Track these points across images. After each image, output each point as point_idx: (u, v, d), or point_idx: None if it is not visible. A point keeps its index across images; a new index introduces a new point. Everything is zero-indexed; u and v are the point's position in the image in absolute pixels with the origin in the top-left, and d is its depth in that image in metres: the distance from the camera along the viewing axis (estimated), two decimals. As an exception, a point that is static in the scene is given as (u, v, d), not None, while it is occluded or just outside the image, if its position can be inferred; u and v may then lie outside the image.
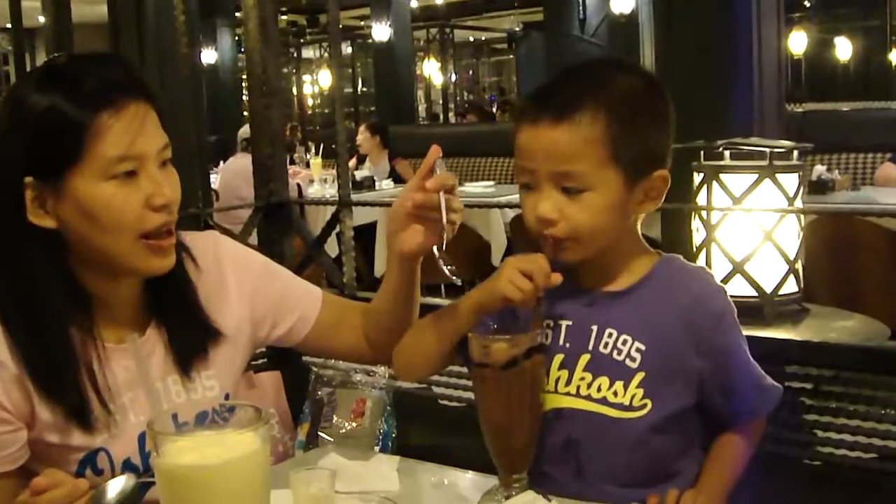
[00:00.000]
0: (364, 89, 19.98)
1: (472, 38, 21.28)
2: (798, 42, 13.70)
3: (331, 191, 7.33)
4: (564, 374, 1.51)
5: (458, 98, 20.44)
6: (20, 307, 1.46)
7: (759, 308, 2.41)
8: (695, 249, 2.48)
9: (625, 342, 1.49)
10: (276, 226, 3.39)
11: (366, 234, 6.47)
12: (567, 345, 1.52)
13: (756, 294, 2.42)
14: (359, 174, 8.17)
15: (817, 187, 5.35)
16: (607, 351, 1.50)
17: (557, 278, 1.43)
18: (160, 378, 1.56)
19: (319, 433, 2.59)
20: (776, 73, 4.24)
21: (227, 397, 1.64)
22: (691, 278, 1.56)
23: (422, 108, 19.48)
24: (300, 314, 1.73)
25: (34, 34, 10.11)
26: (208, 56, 14.45)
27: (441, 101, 18.63)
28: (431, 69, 18.33)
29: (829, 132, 6.96)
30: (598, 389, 1.49)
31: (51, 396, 1.45)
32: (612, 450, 1.49)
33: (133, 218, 1.44)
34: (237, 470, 1.00)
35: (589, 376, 1.50)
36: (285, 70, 21.22)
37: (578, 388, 1.50)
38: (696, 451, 1.56)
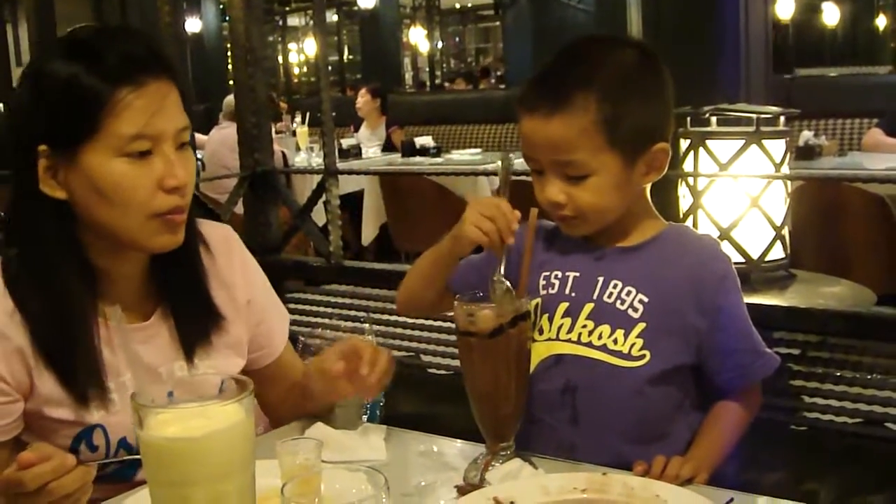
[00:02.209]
0: (350, 57, 19.88)
1: (458, 6, 21.15)
2: (785, 7, 13.66)
3: (317, 160, 7.30)
4: (567, 321, 1.55)
5: (444, 66, 20.36)
6: (29, 277, 1.45)
7: (745, 274, 2.42)
8: (681, 216, 2.48)
9: (629, 293, 1.54)
10: (262, 195, 3.39)
11: (353, 202, 6.46)
12: (573, 294, 1.57)
13: (743, 260, 2.44)
14: (345, 142, 8.13)
15: (804, 153, 5.35)
16: (611, 301, 1.54)
17: (516, 216, 1.48)
18: (164, 361, 1.55)
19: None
20: (763, 39, 4.24)
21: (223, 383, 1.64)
22: (698, 242, 1.61)
23: (408, 76, 19.40)
24: (266, 352, 1.73)
25: (16, 3, 10.03)
26: (193, 25, 14.33)
27: (427, 69, 18.53)
28: (418, 37, 18.21)
29: (817, 98, 6.96)
30: (599, 337, 1.53)
31: (51, 370, 1.45)
32: (608, 397, 1.52)
33: (143, 198, 1.42)
34: (221, 441, 0.99)
35: (591, 324, 1.54)
36: (270, 38, 21.12)
37: (580, 335, 1.54)
38: (689, 417, 1.57)
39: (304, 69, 21.53)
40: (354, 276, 3.13)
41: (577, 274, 1.58)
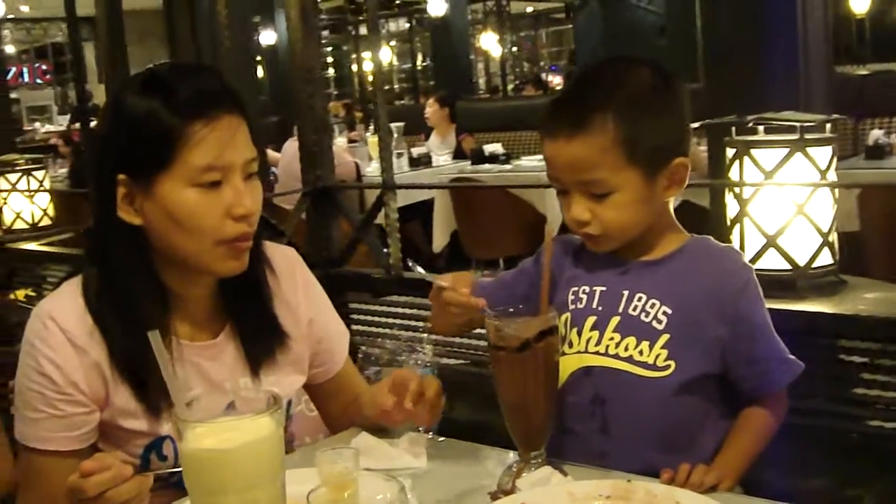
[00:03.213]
0: (425, 63, 20.01)
1: (529, 9, 21.17)
2: (861, 1, 13.42)
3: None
4: (595, 334, 1.62)
5: (517, 70, 20.39)
6: (107, 297, 1.57)
7: (792, 281, 2.44)
8: (728, 224, 2.51)
9: (653, 305, 1.59)
10: (323, 210, 3.49)
11: (425, 210, 6.55)
12: (600, 308, 1.63)
13: (790, 267, 2.45)
14: (416, 151, 8.23)
15: (874, 152, 5.29)
16: (636, 313, 1.60)
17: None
18: (230, 377, 1.65)
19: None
20: (823, 36, 4.19)
21: (290, 403, 1.75)
22: (720, 254, 1.65)
23: (482, 81, 19.47)
24: (327, 368, 1.83)
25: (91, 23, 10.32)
26: (268, 37, 14.59)
27: (500, 74, 18.58)
28: (490, 42, 18.28)
29: (890, 95, 6.84)
30: (626, 349, 1.59)
31: (126, 383, 1.56)
32: (636, 407, 1.58)
33: (213, 225, 1.52)
34: (252, 452, 1.08)
35: (618, 336, 1.60)
36: (345, 48, 21.35)
37: (607, 347, 1.60)
38: (717, 425, 1.62)
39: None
40: (414, 287, 3.20)
41: (604, 288, 1.64)
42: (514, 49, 20.28)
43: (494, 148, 7.37)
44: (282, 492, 1.12)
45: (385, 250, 3.32)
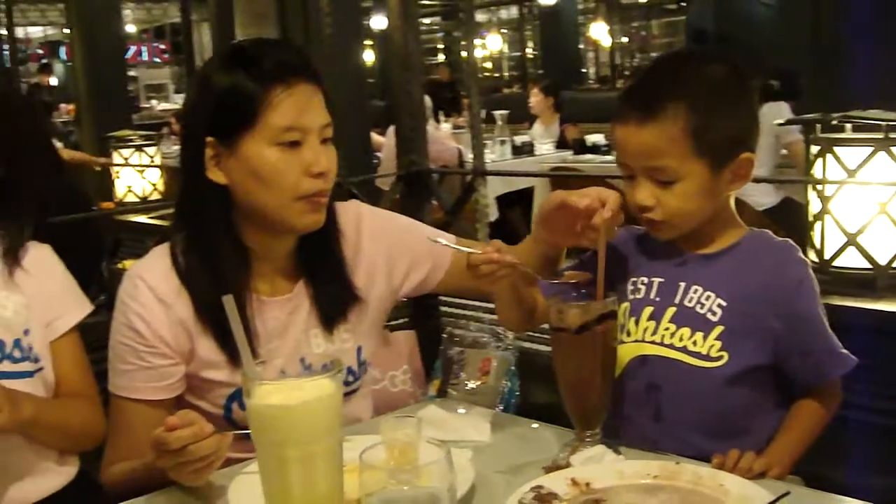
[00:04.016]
0: (536, 52, 19.99)
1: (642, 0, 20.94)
2: None
3: (491, 156, 7.48)
4: (652, 324, 1.67)
5: (629, 61, 20.19)
6: (193, 257, 1.71)
7: (871, 280, 2.44)
8: (810, 221, 2.52)
9: (708, 298, 1.64)
10: (417, 194, 3.58)
11: (526, 197, 6.61)
12: (657, 298, 1.69)
13: (869, 266, 2.45)
14: (518, 139, 8.27)
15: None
16: (691, 305, 1.65)
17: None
18: (304, 330, 1.77)
19: (448, 389, 2.76)
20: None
21: (359, 350, 1.84)
22: (777, 249, 1.69)
23: (591, 71, 19.36)
24: (433, 263, 1.92)
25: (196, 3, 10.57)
26: (379, 22, 14.76)
27: (609, 64, 18.46)
28: (600, 32, 18.17)
29: None
30: (680, 339, 1.64)
31: (209, 337, 1.69)
32: (689, 396, 1.63)
33: (292, 181, 1.65)
34: (312, 409, 1.19)
35: (673, 327, 1.65)
36: (456, 34, 21.45)
37: (663, 337, 1.66)
38: (770, 415, 1.66)
39: (489, 65, 21.78)
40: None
41: (662, 279, 1.69)
42: (625, 40, 20.07)
43: (597, 138, 7.37)
44: (338, 448, 1.22)
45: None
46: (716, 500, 1.36)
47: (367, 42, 13.46)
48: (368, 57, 13.38)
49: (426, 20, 21.68)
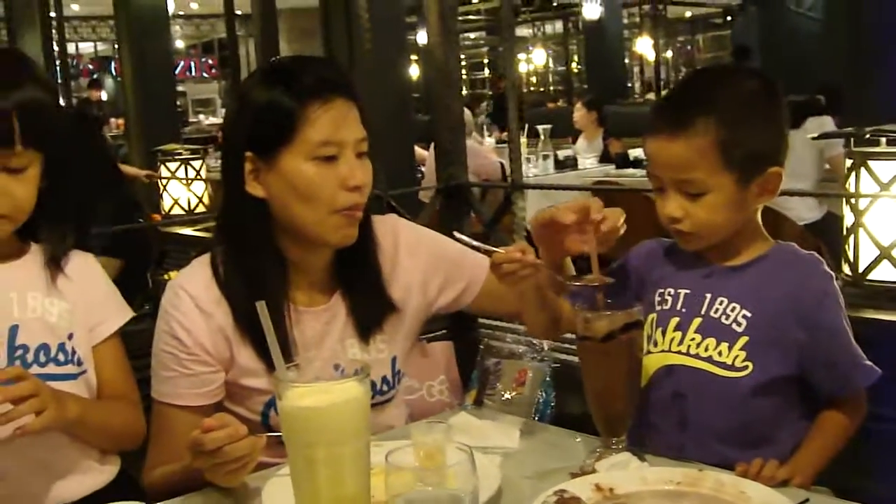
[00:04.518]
0: (581, 67, 20.00)
1: (688, 14, 20.90)
2: None
3: (533, 170, 7.51)
4: (678, 335, 1.70)
5: (674, 75, 20.15)
6: (233, 268, 1.76)
7: (904, 293, 2.44)
8: (843, 234, 2.53)
9: (733, 309, 1.67)
10: (455, 207, 3.63)
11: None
12: (683, 309, 1.72)
13: (904, 279, 2.46)
14: (562, 153, 8.29)
15: None
16: (717, 316, 1.68)
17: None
18: (340, 339, 1.82)
19: (484, 399, 2.80)
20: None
21: (394, 360, 1.89)
22: (802, 261, 1.71)
23: (637, 86, 19.33)
24: (468, 281, 1.95)
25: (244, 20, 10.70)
26: (424, 37, 14.83)
27: (654, 78, 18.42)
28: (645, 46, 18.15)
29: None
30: (706, 349, 1.67)
31: (249, 345, 1.75)
32: (715, 405, 1.66)
33: (329, 194, 1.70)
34: (340, 411, 1.24)
35: (699, 337, 1.68)
36: (501, 49, 21.52)
37: (689, 347, 1.69)
38: (795, 425, 1.68)
39: (535, 79, 21.82)
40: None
41: (688, 291, 1.72)
42: (671, 54, 20.04)
43: (639, 152, 7.35)
44: (366, 450, 1.26)
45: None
46: (737, 507, 1.38)
47: (413, 57, 13.57)
48: (415, 72, 13.47)
49: (472, 35, 21.80)
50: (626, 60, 17.76)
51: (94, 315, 1.77)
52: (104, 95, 17.94)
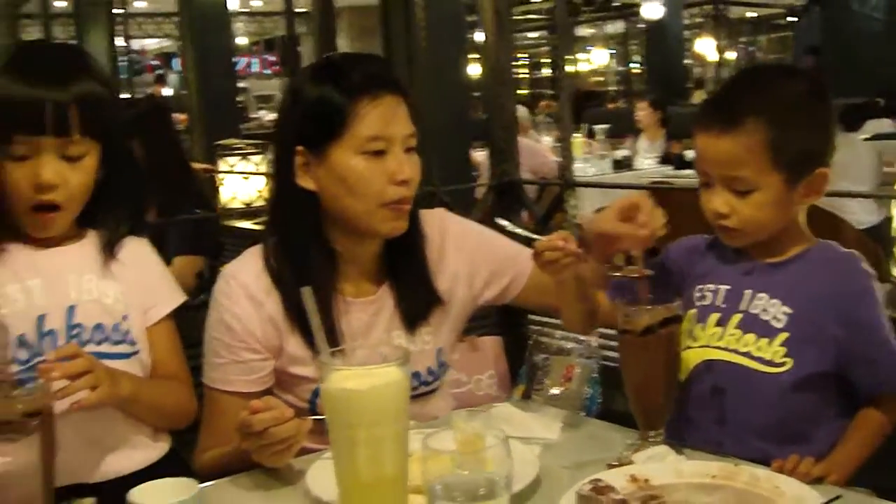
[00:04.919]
0: (642, 67, 19.88)
1: (751, 15, 20.66)
2: None
3: (591, 169, 7.51)
4: (718, 330, 1.73)
5: (736, 76, 19.84)
6: (284, 259, 1.81)
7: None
8: (893, 235, 2.52)
9: (773, 305, 1.69)
10: (508, 204, 3.66)
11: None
12: (724, 305, 1.74)
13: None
14: (619, 153, 8.29)
15: None
16: (757, 312, 1.70)
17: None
18: (386, 330, 1.87)
19: (532, 395, 2.83)
20: None
21: (439, 351, 1.93)
22: (841, 259, 1.73)
23: (698, 87, 19.14)
24: (513, 275, 1.98)
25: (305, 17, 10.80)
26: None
27: (715, 80, 18.23)
28: (707, 47, 17.98)
29: None
30: (746, 345, 1.69)
31: (297, 334, 1.80)
32: (753, 400, 1.68)
33: (377, 188, 1.75)
34: (379, 394, 1.28)
35: (739, 333, 1.70)
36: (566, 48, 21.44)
37: (728, 342, 1.71)
38: (833, 423, 1.69)
39: (593, 79, 21.73)
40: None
41: (728, 287, 1.74)
42: (734, 55, 19.83)
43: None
44: (404, 433, 1.30)
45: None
46: (769, 501, 1.39)
47: (475, 56, 13.59)
48: (477, 71, 13.48)
49: (532, 34, 21.78)
50: (687, 61, 17.59)
51: (148, 298, 1.83)
52: (168, 91, 18.23)
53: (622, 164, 7.83)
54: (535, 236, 1.68)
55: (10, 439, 1.09)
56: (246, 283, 1.81)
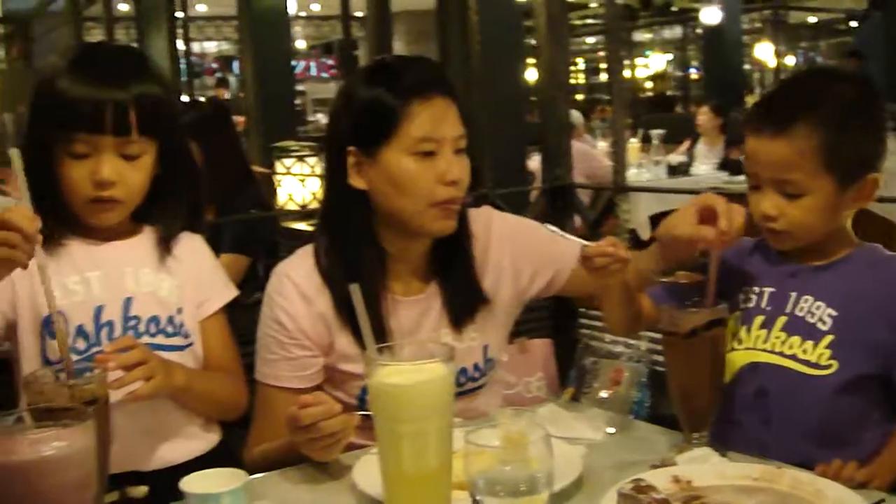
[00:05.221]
0: (700, 72, 19.74)
1: (812, 19, 20.42)
2: None
3: (646, 175, 7.47)
4: (763, 332, 1.73)
5: (795, 82, 19.61)
6: (335, 257, 1.85)
7: None
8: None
9: (818, 307, 1.69)
10: (560, 207, 3.67)
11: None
12: (768, 308, 1.74)
13: None
14: (674, 158, 8.24)
15: None
16: (802, 314, 1.70)
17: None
18: (434, 329, 1.90)
19: (581, 397, 2.84)
20: None
21: (485, 348, 1.95)
22: (887, 261, 1.73)
23: (756, 92, 18.95)
24: (558, 267, 2.00)
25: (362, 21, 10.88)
26: (540, 41, 14.83)
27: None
28: (766, 52, 17.79)
29: None
30: (790, 347, 1.69)
31: (347, 332, 1.83)
32: (798, 403, 1.68)
33: (427, 188, 1.78)
34: (424, 389, 1.31)
35: (784, 335, 1.71)
36: (622, 52, 21.37)
37: (773, 345, 1.71)
38: (880, 427, 1.69)
39: (651, 84, 21.62)
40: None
41: (773, 289, 1.74)
42: (793, 60, 19.61)
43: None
44: (448, 428, 1.33)
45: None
46: (811, 504, 1.40)
47: (533, 61, 13.58)
48: (535, 75, 13.46)
49: (591, 39, 21.71)
50: (746, 66, 17.43)
51: (202, 292, 1.88)
52: (227, 94, 18.45)
53: (677, 170, 7.77)
54: (585, 242, 1.69)
55: (67, 425, 1.13)
56: (298, 281, 1.85)
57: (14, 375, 1.80)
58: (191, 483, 1.34)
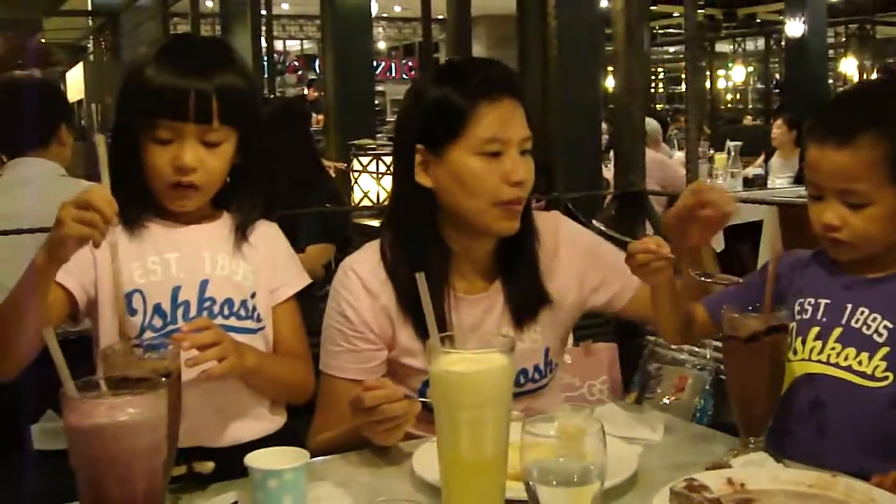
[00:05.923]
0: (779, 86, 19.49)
1: (901, 35, 20.02)
2: None
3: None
4: (818, 344, 1.73)
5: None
6: (400, 252, 1.89)
7: None
8: None
9: (874, 319, 1.69)
10: (631, 213, 3.68)
11: (755, 230, 6.53)
12: (823, 319, 1.74)
13: None
14: (751, 171, 8.16)
15: None
16: (857, 326, 1.70)
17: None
18: (496, 328, 1.93)
19: (644, 402, 2.85)
20: None
21: (547, 350, 1.98)
22: None
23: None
24: (621, 285, 2.01)
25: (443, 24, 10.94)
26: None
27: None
28: (851, 67, 17.52)
29: None
30: (845, 358, 1.69)
31: (410, 326, 1.88)
32: (853, 414, 1.67)
33: (492, 188, 1.81)
34: (484, 378, 1.35)
35: (839, 346, 1.70)
36: (702, 63, 21.20)
37: (829, 356, 1.71)
38: None
39: (735, 95, 21.40)
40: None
41: (828, 301, 1.74)
42: (881, 75, 19.24)
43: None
44: (506, 417, 1.36)
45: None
46: (863, 514, 1.40)
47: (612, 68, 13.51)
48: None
49: (672, 49, 21.56)
50: (830, 81, 17.17)
51: (276, 278, 1.93)
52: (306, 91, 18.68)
53: (753, 183, 7.69)
54: (628, 239, 1.71)
55: (141, 393, 1.19)
56: (363, 275, 1.89)
57: (93, 354, 1.86)
58: (256, 459, 1.39)
